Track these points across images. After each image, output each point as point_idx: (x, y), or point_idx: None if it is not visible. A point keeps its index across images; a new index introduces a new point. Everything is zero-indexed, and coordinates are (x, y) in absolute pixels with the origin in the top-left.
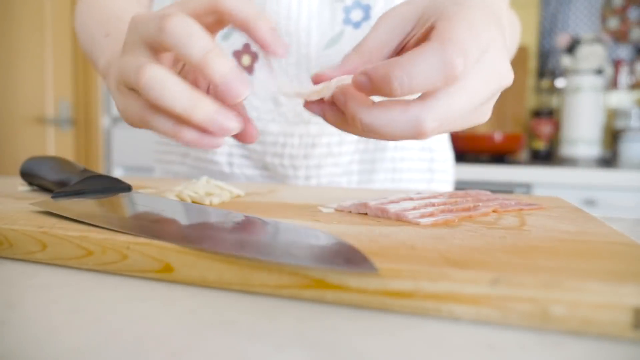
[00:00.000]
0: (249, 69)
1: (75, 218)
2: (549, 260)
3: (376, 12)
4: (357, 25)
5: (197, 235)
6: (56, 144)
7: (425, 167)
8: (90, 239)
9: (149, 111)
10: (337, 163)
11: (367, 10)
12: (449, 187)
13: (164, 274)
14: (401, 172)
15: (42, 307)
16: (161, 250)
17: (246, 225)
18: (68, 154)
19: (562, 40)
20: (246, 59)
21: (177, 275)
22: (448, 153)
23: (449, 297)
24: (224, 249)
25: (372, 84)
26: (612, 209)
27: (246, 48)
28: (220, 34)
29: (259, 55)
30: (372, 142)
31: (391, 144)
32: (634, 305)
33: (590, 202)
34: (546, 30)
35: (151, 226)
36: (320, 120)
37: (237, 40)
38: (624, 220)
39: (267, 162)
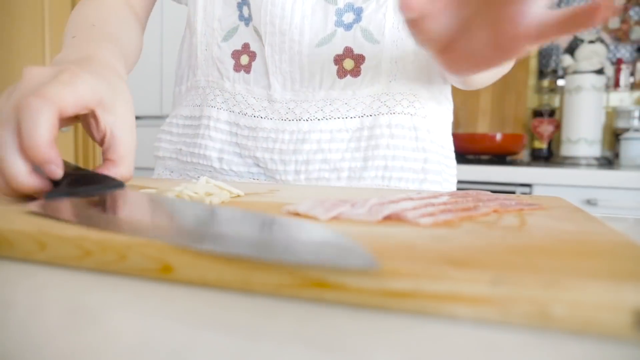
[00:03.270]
0: (247, 68)
1: (71, 221)
2: (549, 260)
3: (367, 15)
4: (348, 27)
5: (194, 234)
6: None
7: (419, 167)
8: (89, 238)
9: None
10: (326, 159)
11: (359, 12)
12: (443, 190)
13: (163, 274)
14: (392, 170)
15: (41, 308)
16: (161, 250)
17: (243, 220)
18: (67, 154)
19: (563, 39)
20: (244, 59)
21: (176, 275)
22: (445, 156)
23: (449, 297)
24: (222, 248)
25: None
26: (613, 209)
27: (245, 48)
28: (221, 34)
29: (257, 55)
30: (364, 140)
31: (384, 142)
32: (634, 305)
33: (591, 202)
34: None
35: (147, 225)
36: (312, 116)
37: (237, 40)
38: (625, 220)
39: (258, 158)
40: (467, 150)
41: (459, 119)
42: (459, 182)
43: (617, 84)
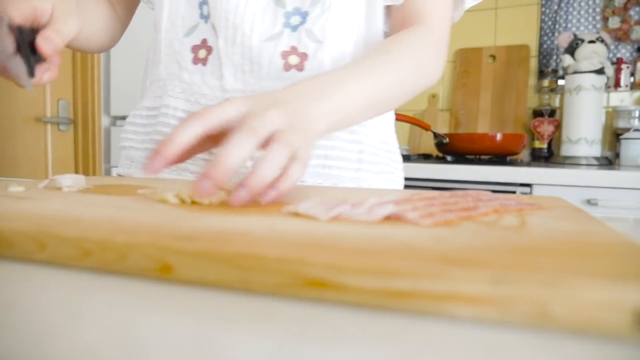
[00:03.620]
0: (204, 61)
1: None
2: (549, 260)
3: (312, 18)
4: (294, 28)
5: None
6: (55, 144)
7: (354, 158)
8: (89, 238)
9: None
10: None
11: (304, 16)
12: (381, 180)
13: (163, 274)
14: (332, 159)
15: (40, 308)
16: (160, 250)
17: None
18: (67, 154)
19: (563, 39)
20: (202, 52)
21: (176, 275)
22: (387, 150)
23: (449, 297)
24: None
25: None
26: (613, 209)
27: (203, 43)
28: (183, 30)
29: (213, 49)
30: None
31: None
32: (634, 305)
33: (591, 202)
34: (547, 30)
35: None
36: None
37: (197, 36)
38: (625, 220)
39: None
40: (467, 150)
41: (459, 119)
42: (460, 182)
43: (617, 84)
